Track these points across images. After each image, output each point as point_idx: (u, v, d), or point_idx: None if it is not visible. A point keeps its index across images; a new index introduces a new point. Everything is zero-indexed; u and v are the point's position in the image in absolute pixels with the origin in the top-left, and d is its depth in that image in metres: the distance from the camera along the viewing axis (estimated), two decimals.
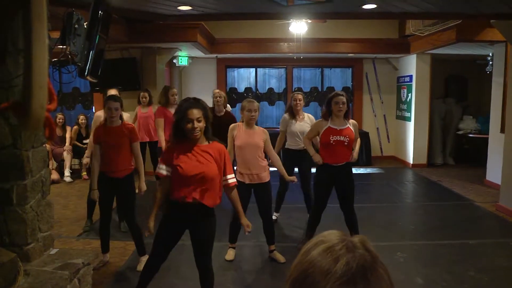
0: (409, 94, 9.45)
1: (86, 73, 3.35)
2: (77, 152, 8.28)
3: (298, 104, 5.18)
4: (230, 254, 4.33)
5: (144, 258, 3.92)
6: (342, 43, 9.09)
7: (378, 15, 5.24)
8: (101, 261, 4.11)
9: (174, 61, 9.33)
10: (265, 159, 4.19)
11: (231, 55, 9.55)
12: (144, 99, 7.09)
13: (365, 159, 9.43)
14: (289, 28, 7.40)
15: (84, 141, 8.25)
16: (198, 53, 9.01)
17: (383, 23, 9.19)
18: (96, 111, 8.80)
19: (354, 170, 8.37)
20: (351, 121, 4.46)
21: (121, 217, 5.15)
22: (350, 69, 10.55)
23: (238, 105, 10.59)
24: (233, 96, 10.62)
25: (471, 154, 9.58)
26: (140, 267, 3.89)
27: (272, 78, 10.80)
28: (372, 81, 10.22)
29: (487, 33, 6.61)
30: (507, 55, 6.71)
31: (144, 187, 4.20)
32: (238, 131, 4.11)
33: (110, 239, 4.83)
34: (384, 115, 10.40)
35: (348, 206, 4.38)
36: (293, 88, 10.51)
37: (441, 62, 9.49)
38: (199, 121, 2.82)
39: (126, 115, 5.21)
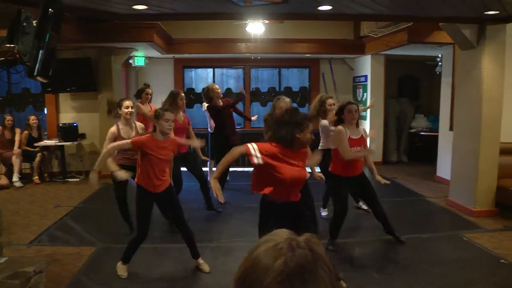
0: (365, 94, 9.69)
1: (35, 73, 3.22)
2: (27, 156, 7.94)
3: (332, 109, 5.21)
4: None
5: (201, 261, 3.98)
6: (299, 43, 9.21)
7: (333, 16, 5.34)
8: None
9: (130, 61, 9.14)
10: None
11: (189, 55, 9.47)
12: (148, 95, 6.45)
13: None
14: (246, 29, 7.42)
15: (36, 144, 7.94)
16: (155, 53, 8.87)
17: (339, 24, 9.37)
18: (48, 112, 8.50)
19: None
20: (360, 127, 4.51)
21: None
22: (307, 69, 10.69)
23: (196, 106, 10.52)
24: (191, 97, 10.52)
25: (423, 151, 9.94)
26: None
27: (230, 79, 10.78)
28: (328, 81, 10.39)
29: (436, 35, 6.88)
30: (455, 56, 7.01)
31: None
32: None
33: (64, 244, 4.70)
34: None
35: (374, 203, 4.54)
36: (251, 88, 10.54)
37: (394, 63, 9.79)
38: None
39: (139, 125, 5.16)
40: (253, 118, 7.17)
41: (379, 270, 4.09)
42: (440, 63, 8.32)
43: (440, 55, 8.28)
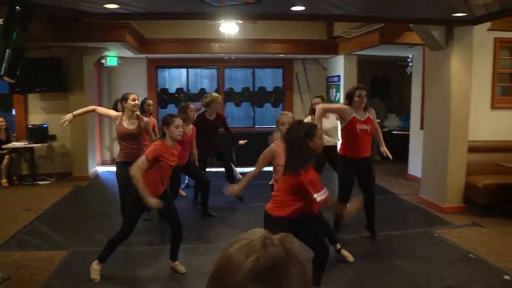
0: (338, 94, 9.80)
1: (2, 73, 3.13)
2: None
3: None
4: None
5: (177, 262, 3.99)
6: (273, 44, 9.24)
7: (306, 17, 5.38)
8: None
9: (102, 61, 8.99)
10: None
11: (162, 55, 9.38)
12: (149, 107, 6.06)
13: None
14: (220, 29, 7.40)
15: (4, 146, 7.72)
16: (127, 53, 8.75)
17: (313, 25, 9.45)
18: (16, 113, 8.27)
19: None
20: (368, 111, 4.71)
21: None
22: (281, 69, 10.74)
23: (170, 106, 10.43)
24: (164, 97, 10.43)
25: (395, 150, 10.09)
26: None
27: (204, 79, 10.74)
28: (302, 81, 10.47)
29: (407, 36, 7.03)
30: (425, 57, 7.16)
31: None
32: (278, 149, 3.73)
33: (34, 249, 4.59)
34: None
35: (370, 193, 4.73)
36: (225, 88, 10.52)
37: (367, 63, 9.93)
38: None
39: (146, 119, 5.19)
40: (241, 142, 6.84)
41: (352, 267, 4.14)
42: (411, 64, 8.49)
43: (411, 56, 8.45)
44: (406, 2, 4.65)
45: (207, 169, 6.36)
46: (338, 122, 5.37)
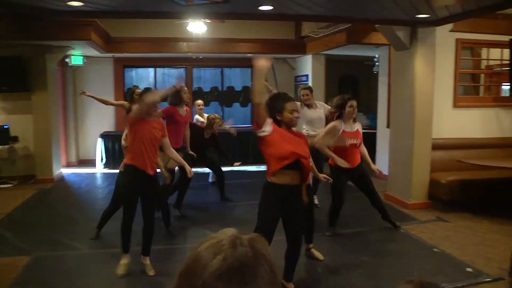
0: None
1: None
2: None
3: (307, 99, 5.80)
4: None
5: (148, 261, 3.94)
6: (241, 43, 9.24)
7: (274, 16, 5.40)
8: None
9: (66, 60, 8.76)
10: None
11: (129, 54, 9.22)
12: (138, 96, 6.24)
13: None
14: (187, 28, 7.34)
15: None
16: (93, 52, 8.55)
17: (281, 25, 9.49)
18: None
19: (250, 168, 8.54)
20: (357, 123, 4.85)
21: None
22: (250, 69, 10.73)
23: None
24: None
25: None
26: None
27: (172, 78, 10.62)
28: (270, 80, 10.48)
29: (373, 37, 7.16)
30: (390, 57, 7.32)
31: None
32: None
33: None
34: None
35: (373, 195, 5.00)
36: (194, 88, 10.44)
37: (334, 63, 10.06)
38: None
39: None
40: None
41: (321, 264, 4.19)
42: (377, 63, 8.65)
43: (377, 56, 8.60)
44: (372, 3, 4.73)
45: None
46: (323, 113, 5.76)
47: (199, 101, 7.74)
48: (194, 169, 4.28)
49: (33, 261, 4.23)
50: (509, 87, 6.46)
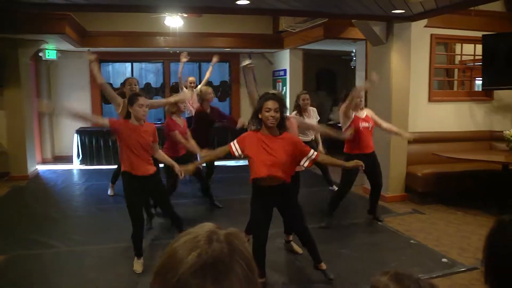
0: (284, 88, 9.91)
1: None
2: None
3: (307, 104, 5.91)
4: None
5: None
6: (219, 37, 9.20)
7: (251, 11, 5.39)
8: None
9: (40, 54, 8.56)
10: None
11: (105, 49, 9.06)
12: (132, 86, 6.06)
13: None
14: (164, 22, 7.26)
15: None
16: (68, 46, 8.37)
17: (258, 19, 9.48)
18: None
19: (231, 163, 8.51)
20: (365, 110, 5.18)
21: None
22: (227, 63, 10.71)
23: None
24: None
25: (342, 142, 10.36)
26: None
27: (149, 73, 10.52)
28: (249, 76, 10.47)
29: (351, 31, 7.22)
30: (367, 51, 7.39)
31: None
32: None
33: None
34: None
35: (378, 188, 5.20)
36: (171, 83, 10.35)
37: (312, 57, 10.10)
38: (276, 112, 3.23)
39: None
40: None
41: (300, 257, 4.22)
42: (354, 58, 8.74)
43: (354, 50, 8.69)
44: None
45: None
46: (315, 119, 6.03)
47: (191, 78, 7.92)
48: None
49: (9, 261, 4.15)
50: (481, 81, 6.61)
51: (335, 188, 6.52)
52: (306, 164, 3.42)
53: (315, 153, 3.41)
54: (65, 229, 4.98)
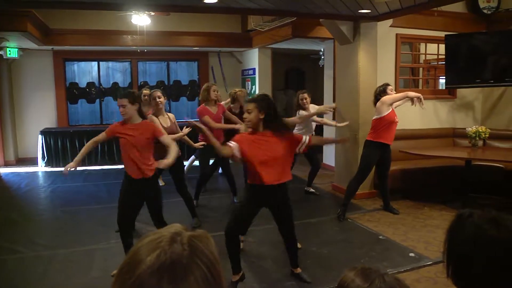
0: (253, 86, 9.93)
1: None
2: None
3: (306, 102, 6.07)
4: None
5: None
6: (187, 36, 9.12)
7: (219, 9, 5.35)
8: None
9: (1, 52, 8.26)
10: None
11: (70, 47, 8.84)
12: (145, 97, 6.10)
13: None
14: (132, 20, 7.14)
15: None
16: (30, 44, 8.11)
17: (227, 18, 9.45)
18: None
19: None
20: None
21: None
22: (196, 62, 10.64)
23: (80, 101, 9.89)
24: (74, 92, 9.88)
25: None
26: None
27: (117, 72, 10.31)
28: (218, 74, 10.46)
29: (319, 31, 7.29)
30: (335, 50, 7.48)
31: None
32: None
33: None
34: None
35: (385, 180, 5.55)
36: (139, 82, 10.20)
37: (281, 56, 10.16)
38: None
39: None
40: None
41: (270, 256, 4.24)
42: (322, 57, 8.83)
43: (322, 49, 8.78)
44: None
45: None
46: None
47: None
48: None
49: None
50: (445, 80, 6.79)
51: (310, 190, 6.58)
52: (301, 150, 3.50)
53: (307, 138, 3.50)
54: (29, 234, 4.82)
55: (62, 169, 4.44)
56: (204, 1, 4.73)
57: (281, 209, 3.58)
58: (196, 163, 6.59)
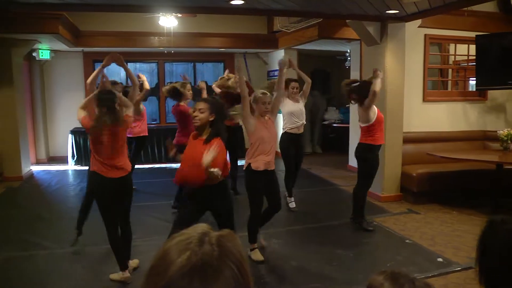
0: None
1: None
2: None
3: (295, 92, 5.83)
4: (258, 255, 4.15)
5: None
6: (213, 37, 9.19)
7: (245, 11, 5.38)
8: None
9: (34, 54, 8.50)
10: None
11: (99, 48, 9.03)
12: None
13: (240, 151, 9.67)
14: (159, 22, 7.24)
15: None
16: (61, 46, 8.32)
17: (253, 19, 9.48)
18: None
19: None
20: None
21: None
22: (222, 63, 10.70)
23: None
24: None
25: (336, 142, 10.41)
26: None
27: (144, 73, 10.43)
28: (243, 75, 10.48)
29: (345, 32, 7.22)
30: (361, 51, 7.41)
31: None
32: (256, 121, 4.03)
33: None
34: None
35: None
36: (166, 83, 10.32)
37: (306, 57, 10.11)
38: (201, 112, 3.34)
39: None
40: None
41: (295, 258, 4.22)
42: (349, 58, 8.75)
43: (348, 50, 8.70)
44: None
45: None
46: (303, 106, 5.80)
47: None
48: None
49: (2, 262, 4.12)
50: (475, 81, 6.64)
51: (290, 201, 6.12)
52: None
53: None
54: (59, 230, 4.94)
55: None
56: (231, 2, 4.76)
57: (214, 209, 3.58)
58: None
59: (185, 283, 0.71)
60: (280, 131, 5.67)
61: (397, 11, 5.40)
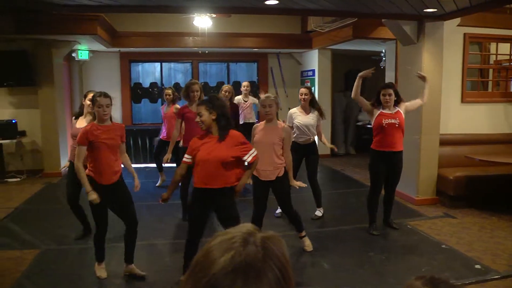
0: (312, 88, 9.84)
1: None
2: None
3: (305, 99, 5.31)
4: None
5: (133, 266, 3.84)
6: (247, 38, 9.22)
7: (280, 11, 5.37)
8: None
9: (73, 54, 8.77)
10: (282, 157, 4.08)
11: (135, 49, 9.22)
12: (168, 96, 6.81)
13: None
14: (193, 22, 7.32)
15: None
16: (99, 46, 8.56)
17: (287, 19, 9.45)
18: None
19: None
20: (400, 105, 4.87)
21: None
22: (256, 63, 10.72)
23: (143, 101, 10.26)
24: (138, 92, 10.28)
25: (370, 143, 10.20)
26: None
27: (178, 73, 10.63)
28: (277, 75, 10.48)
29: (380, 31, 7.11)
30: (397, 51, 7.25)
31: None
32: (258, 128, 4.17)
33: (4, 248, 4.48)
34: (289, 108, 10.71)
35: (392, 192, 5.03)
36: (200, 83, 10.43)
37: (341, 57, 10.00)
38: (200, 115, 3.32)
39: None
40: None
41: (327, 260, 4.18)
42: (384, 58, 8.59)
43: (384, 50, 8.54)
44: None
45: None
46: (314, 120, 5.37)
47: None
48: None
49: (41, 255, 4.27)
50: None
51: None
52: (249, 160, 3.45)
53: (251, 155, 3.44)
54: (93, 225, 5.06)
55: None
56: (265, 2, 4.76)
57: (221, 212, 3.52)
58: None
59: (228, 282, 0.70)
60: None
61: (435, 10, 5.26)
